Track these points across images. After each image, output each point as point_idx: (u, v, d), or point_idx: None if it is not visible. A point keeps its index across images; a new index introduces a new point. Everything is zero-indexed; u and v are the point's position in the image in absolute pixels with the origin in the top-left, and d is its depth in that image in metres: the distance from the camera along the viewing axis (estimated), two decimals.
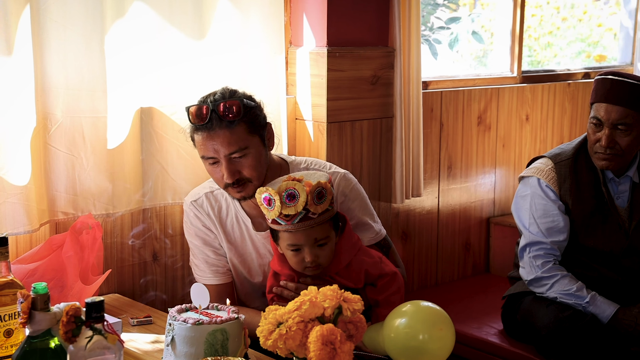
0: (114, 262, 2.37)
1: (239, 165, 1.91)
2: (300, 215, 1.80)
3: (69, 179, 2.21)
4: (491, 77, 3.36)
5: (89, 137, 2.23)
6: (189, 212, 2.10)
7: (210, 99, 1.92)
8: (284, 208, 1.79)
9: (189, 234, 2.12)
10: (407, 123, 2.85)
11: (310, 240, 1.83)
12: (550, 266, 2.36)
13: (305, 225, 1.81)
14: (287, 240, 1.84)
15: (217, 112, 1.88)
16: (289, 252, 1.86)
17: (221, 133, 1.88)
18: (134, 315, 2.08)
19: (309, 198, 1.79)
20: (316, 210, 1.81)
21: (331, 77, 2.67)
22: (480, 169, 3.28)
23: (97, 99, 2.22)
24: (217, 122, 1.88)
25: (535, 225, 2.38)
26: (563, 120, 3.57)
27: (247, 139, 1.91)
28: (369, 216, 2.08)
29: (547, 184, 2.38)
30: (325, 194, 1.82)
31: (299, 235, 1.83)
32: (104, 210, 2.27)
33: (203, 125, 1.89)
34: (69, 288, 2.03)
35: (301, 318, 1.45)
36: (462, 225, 3.25)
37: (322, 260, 1.86)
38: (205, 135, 1.90)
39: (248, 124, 1.91)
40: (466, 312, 2.83)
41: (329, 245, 1.86)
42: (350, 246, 1.92)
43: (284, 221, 1.81)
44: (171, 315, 1.64)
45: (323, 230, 1.84)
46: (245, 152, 1.91)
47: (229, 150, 1.89)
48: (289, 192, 1.79)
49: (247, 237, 2.07)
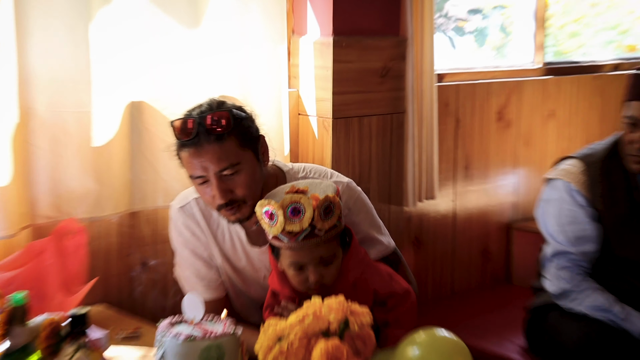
0: (100, 271, 2.35)
1: (231, 183, 1.88)
2: (306, 232, 1.75)
3: (51, 179, 2.20)
4: (512, 69, 3.35)
5: (73, 134, 2.22)
6: (176, 220, 2.08)
7: (196, 111, 1.89)
8: (287, 224, 1.75)
9: (176, 244, 2.10)
10: (419, 119, 2.84)
11: (315, 258, 1.80)
12: (579, 279, 2.34)
13: (311, 243, 1.77)
14: (290, 258, 1.81)
15: (204, 125, 1.84)
16: (291, 271, 1.83)
17: (210, 148, 1.85)
18: (121, 329, 2.07)
19: (316, 213, 1.75)
20: (323, 226, 1.77)
21: (337, 68, 2.66)
22: (500, 170, 3.27)
23: (81, 92, 2.21)
24: (204, 136, 1.84)
25: (562, 233, 2.37)
26: (591, 116, 3.55)
27: (238, 153, 1.87)
28: (375, 229, 2.06)
29: (576, 189, 2.36)
30: (333, 209, 1.78)
31: (303, 253, 1.79)
32: (89, 213, 2.26)
33: (189, 141, 1.85)
34: (50, 299, 2.02)
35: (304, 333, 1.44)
36: (480, 231, 3.24)
37: (327, 280, 1.82)
38: (192, 151, 1.86)
39: (239, 137, 1.88)
40: (485, 326, 2.82)
41: (335, 264, 1.83)
42: (357, 263, 1.89)
43: (287, 238, 1.77)
44: (161, 329, 1.62)
45: (329, 248, 1.81)
46: (237, 168, 1.87)
47: (219, 166, 1.85)
48: (294, 207, 1.74)
49: (241, 250, 2.05)
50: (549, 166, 3.31)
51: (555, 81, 3.41)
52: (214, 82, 2.45)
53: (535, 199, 3.35)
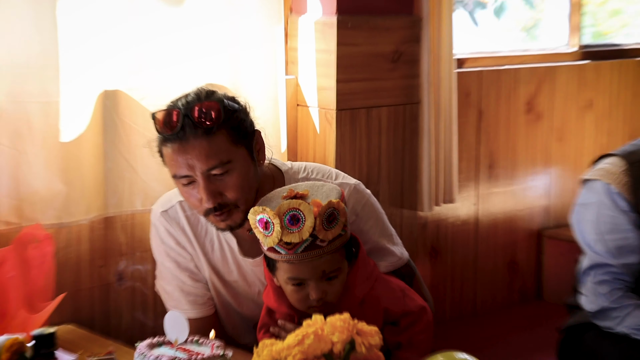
0: (68, 285, 2.37)
1: (220, 185, 1.88)
2: (306, 243, 1.75)
3: (12, 179, 2.21)
4: (543, 53, 3.36)
5: (38, 127, 2.23)
6: (158, 226, 2.08)
7: (182, 101, 1.90)
8: (285, 234, 1.74)
9: (158, 254, 2.11)
10: (436, 111, 2.86)
11: (317, 273, 1.80)
12: (620, 295, 2.35)
13: (312, 256, 1.77)
14: (288, 272, 1.81)
15: (190, 117, 1.84)
16: (289, 286, 1.83)
17: (197, 144, 1.84)
18: (93, 352, 2.08)
19: (317, 222, 1.74)
20: (326, 237, 1.76)
21: (342, 52, 2.67)
22: (529, 169, 3.28)
23: (47, 79, 2.22)
24: (190, 130, 1.84)
25: (602, 242, 2.37)
26: (635, 106, 3.56)
27: (229, 150, 1.87)
28: (387, 238, 2.07)
29: (617, 191, 2.37)
30: (337, 216, 1.78)
31: (304, 267, 1.79)
32: (56, 219, 2.27)
33: (173, 135, 1.85)
34: (10, 317, 2.03)
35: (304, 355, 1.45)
36: (507, 240, 3.25)
37: (330, 297, 1.82)
38: (177, 147, 1.86)
39: (230, 131, 1.88)
40: (513, 349, 2.83)
41: (339, 279, 1.83)
42: (365, 277, 1.89)
43: (285, 250, 1.77)
44: (140, 352, 1.64)
45: (333, 261, 1.81)
46: (228, 167, 1.87)
47: (207, 165, 1.85)
48: (292, 214, 1.74)
49: (232, 262, 2.06)
50: (586, 165, 3.33)
51: (593, 67, 3.42)
52: (200, 69, 2.46)
53: (569, 203, 3.35)
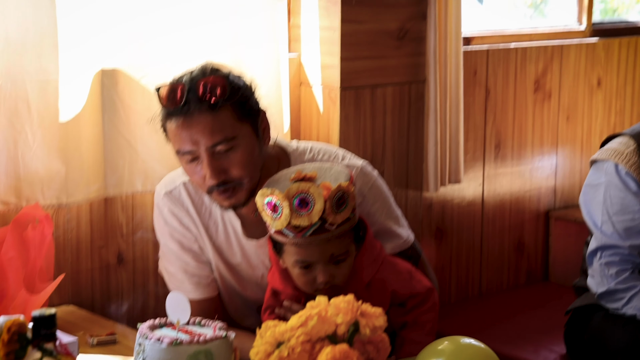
0: (68, 266, 2.37)
1: (225, 161, 1.89)
2: (315, 226, 1.76)
3: (10, 159, 2.21)
4: (552, 31, 3.34)
5: (36, 106, 2.22)
6: (162, 207, 2.09)
7: (187, 76, 1.90)
8: (294, 218, 1.75)
9: (162, 235, 2.11)
10: (443, 89, 2.84)
11: (325, 256, 1.81)
12: (627, 276, 2.35)
13: (320, 239, 1.78)
14: (295, 255, 1.82)
15: (195, 92, 1.86)
16: (296, 269, 1.83)
17: (201, 119, 1.85)
18: (93, 333, 2.08)
19: (327, 205, 1.75)
20: (335, 220, 1.78)
21: (346, 30, 2.65)
22: (537, 149, 3.27)
23: (46, 57, 2.21)
24: (195, 104, 1.85)
25: (610, 223, 2.37)
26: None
27: (234, 126, 1.88)
28: (393, 220, 2.07)
29: (627, 171, 2.36)
30: (347, 200, 1.79)
31: (311, 250, 1.80)
32: (55, 199, 2.27)
33: (177, 110, 1.87)
34: (10, 298, 2.04)
35: (307, 337, 1.45)
36: (514, 221, 3.24)
37: (338, 280, 1.84)
38: (181, 122, 1.87)
39: (236, 107, 1.89)
40: (519, 331, 2.83)
41: (347, 262, 1.84)
42: (372, 260, 1.90)
43: (293, 233, 1.78)
44: (141, 333, 1.64)
45: (341, 244, 1.82)
46: (233, 143, 1.88)
47: (211, 140, 1.86)
48: (302, 198, 1.75)
49: (236, 244, 2.06)
50: (595, 145, 3.32)
51: (604, 44, 3.40)
52: (200, 46, 2.45)
53: (577, 184, 3.36)
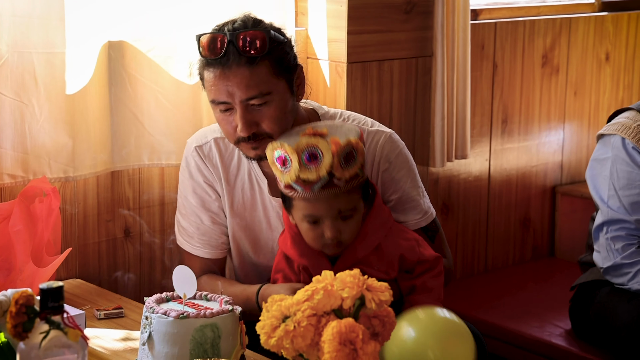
0: (75, 239, 2.38)
1: (257, 115, 1.92)
2: (323, 181, 1.81)
3: (17, 132, 2.21)
4: (560, 4, 3.32)
5: (43, 79, 2.22)
6: (190, 161, 2.10)
7: (228, 27, 1.93)
8: (302, 171, 1.80)
9: (184, 188, 2.12)
10: (450, 64, 2.83)
11: (333, 211, 1.85)
12: (633, 250, 2.36)
13: (328, 194, 1.82)
14: (304, 210, 1.86)
15: (235, 44, 1.89)
16: (304, 224, 1.88)
17: (239, 72, 1.89)
18: (100, 306, 2.10)
19: (335, 160, 1.79)
20: (343, 175, 1.82)
21: (353, 3, 2.65)
22: (544, 124, 3.26)
23: (52, 29, 2.21)
24: (234, 57, 1.89)
25: (617, 198, 2.37)
26: None
27: (270, 82, 1.91)
28: (416, 190, 2.09)
29: (634, 145, 2.36)
30: (355, 156, 1.83)
31: (320, 205, 1.84)
32: (62, 172, 2.28)
33: (217, 60, 1.90)
34: (17, 271, 2.05)
35: (313, 311, 1.46)
36: (520, 196, 3.25)
37: (345, 236, 1.88)
38: (219, 73, 1.90)
39: (274, 63, 1.92)
40: (524, 306, 2.84)
41: (355, 219, 1.88)
42: (381, 224, 1.93)
43: (302, 187, 1.82)
44: (148, 307, 1.65)
45: (349, 200, 1.85)
46: (267, 98, 1.91)
47: (247, 94, 1.90)
48: (310, 151, 1.80)
49: (260, 202, 2.08)
50: (602, 120, 3.31)
51: (613, 18, 3.38)
52: (207, 18, 2.44)
53: (584, 159, 3.35)
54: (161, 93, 2.39)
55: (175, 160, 2.43)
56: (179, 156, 2.43)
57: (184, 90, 2.42)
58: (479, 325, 2.11)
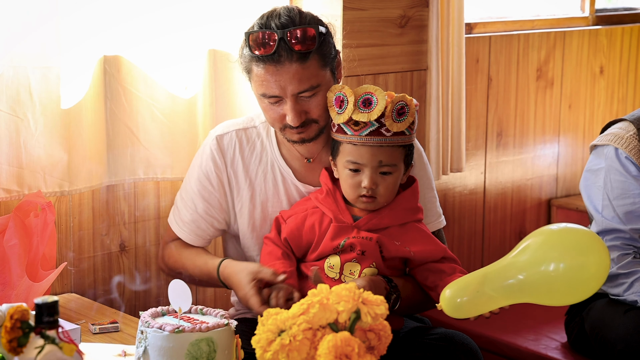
0: (70, 254, 2.38)
1: (305, 104, 1.99)
2: (372, 127, 1.92)
3: (13, 146, 2.21)
4: (555, 18, 3.34)
5: (38, 93, 2.23)
6: (206, 148, 2.13)
7: (276, 22, 1.96)
8: (355, 113, 1.92)
9: (192, 171, 2.15)
10: (445, 77, 2.84)
11: (375, 161, 1.94)
12: (628, 260, 2.36)
13: (374, 142, 1.93)
14: (348, 155, 1.95)
15: (287, 41, 1.93)
16: (346, 171, 1.96)
17: (291, 68, 1.94)
18: (95, 321, 2.10)
19: (388, 109, 1.91)
20: (391, 127, 1.92)
21: (348, 17, 2.66)
22: (539, 137, 3.27)
23: (47, 43, 2.21)
24: (286, 53, 1.94)
25: (611, 208, 2.38)
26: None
27: (319, 75, 1.98)
28: (432, 193, 2.16)
29: (627, 155, 2.37)
30: (407, 112, 1.94)
31: (364, 151, 1.93)
32: (57, 187, 2.28)
33: (268, 57, 1.94)
34: (12, 286, 2.05)
35: (309, 324, 1.46)
36: (516, 209, 3.25)
37: (381, 191, 1.95)
38: (271, 69, 1.95)
39: (321, 56, 1.98)
40: (520, 319, 2.83)
41: (393, 178, 1.96)
42: (411, 207, 2.01)
43: (351, 130, 1.93)
44: (143, 321, 1.65)
45: (392, 155, 1.95)
46: (317, 90, 1.98)
47: (299, 88, 1.96)
48: (366, 97, 1.92)
49: (283, 191, 2.10)
50: (596, 133, 3.33)
51: (606, 32, 3.39)
52: (202, 32, 2.45)
53: (580, 172, 3.36)
54: (157, 107, 2.40)
55: (171, 174, 2.44)
56: (175, 170, 2.43)
57: (180, 105, 2.43)
58: (475, 339, 2.11)
